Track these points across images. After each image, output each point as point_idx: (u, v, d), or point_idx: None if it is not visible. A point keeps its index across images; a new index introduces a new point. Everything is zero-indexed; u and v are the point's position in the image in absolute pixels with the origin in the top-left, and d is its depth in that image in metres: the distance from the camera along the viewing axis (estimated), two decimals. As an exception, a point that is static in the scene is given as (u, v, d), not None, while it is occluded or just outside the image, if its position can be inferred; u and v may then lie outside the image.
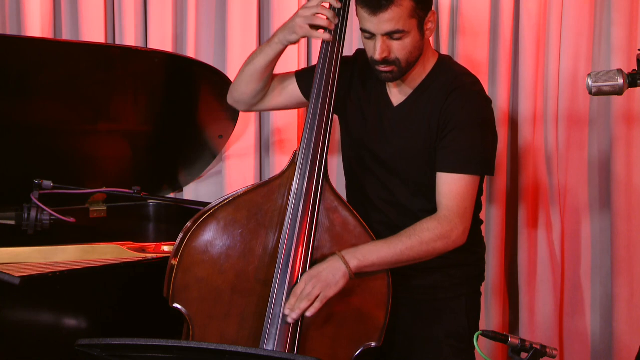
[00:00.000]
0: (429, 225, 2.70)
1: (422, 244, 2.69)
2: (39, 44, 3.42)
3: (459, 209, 2.71)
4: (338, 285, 2.64)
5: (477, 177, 2.75)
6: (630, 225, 3.65)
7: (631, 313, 3.67)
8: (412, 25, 2.67)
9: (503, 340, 2.26)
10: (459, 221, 2.70)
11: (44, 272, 2.94)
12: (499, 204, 3.73)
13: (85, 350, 2.09)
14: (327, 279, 2.63)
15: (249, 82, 2.91)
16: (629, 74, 2.48)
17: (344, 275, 2.64)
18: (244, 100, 2.98)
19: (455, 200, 2.71)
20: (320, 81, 2.76)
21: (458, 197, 2.71)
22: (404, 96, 2.82)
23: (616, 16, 3.58)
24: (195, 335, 2.68)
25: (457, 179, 2.71)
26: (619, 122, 3.63)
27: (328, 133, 2.75)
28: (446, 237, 2.70)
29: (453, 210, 2.70)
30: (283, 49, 2.82)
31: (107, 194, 3.49)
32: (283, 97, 2.97)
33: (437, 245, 2.70)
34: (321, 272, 2.65)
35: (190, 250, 2.70)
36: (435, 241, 2.69)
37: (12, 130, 3.30)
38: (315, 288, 2.63)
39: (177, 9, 3.90)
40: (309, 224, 2.70)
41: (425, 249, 2.70)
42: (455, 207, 2.71)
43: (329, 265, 2.65)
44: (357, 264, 2.65)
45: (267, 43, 2.86)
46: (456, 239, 2.71)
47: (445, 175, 2.72)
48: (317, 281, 2.63)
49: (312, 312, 2.63)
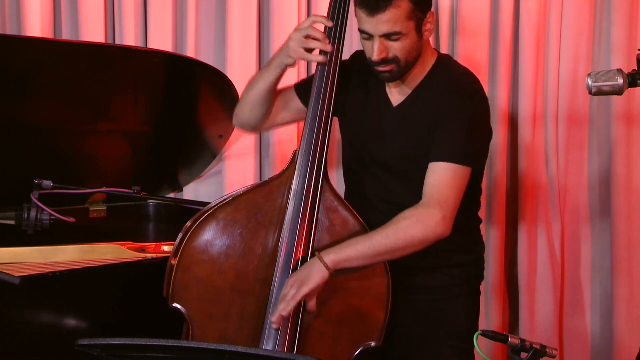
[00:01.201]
0: (406, 214, 2.68)
1: (398, 230, 2.65)
2: (39, 44, 3.42)
3: (440, 197, 2.67)
4: (313, 281, 2.62)
5: (465, 168, 2.71)
6: (630, 226, 3.65)
7: (631, 313, 3.67)
8: (410, 26, 2.67)
9: (503, 340, 2.26)
10: (438, 208, 2.66)
11: (44, 272, 2.94)
12: (499, 204, 3.73)
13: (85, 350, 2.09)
14: (302, 276, 2.64)
15: (253, 108, 2.91)
16: (629, 74, 2.48)
17: (318, 270, 2.63)
18: (250, 125, 2.99)
19: (437, 188, 2.68)
20: (320, 82, 2.77)
21: (440, 185, 2.68)
22: (404, 96, 2.82)
23: (616, 16, 3.58)
24: (195, 335, 2.68)
25: (442, 167, 2.69)
26: (619, 122, 3.63)
27: (328, 133, 2.75)
28: (422, 223, 2.65)
29: (433, 197, 2.67)
30: (282, 73, 2.83)
31: (107, 194, 3.49)
32: (287, 113, 2.96)
33: (413, 232, 2.65)
34: (297, 272, 2.66)
35: (190, 250, 2.70)
36: (411, 227, 2.65)
37: (12, 130, 3.30)
38: (292, 288, 2.64)
39: (177, 9, 3.89)
40: (309, 224, 2.70)
41: (402, 236, 2.65)
42: (436, 194, 2.68)
43: (306, 264, 2.66)
44: (333, 257, 2.64)
45: (266, 68, 2.86)
46: (435, 226, 2.66)
47: (433, 164, 2.71)
48: (294, 281, 2.64)
49: (286, 311, 2.63)
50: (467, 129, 2.71)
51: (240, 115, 2.98)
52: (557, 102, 3.67)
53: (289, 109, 2.95)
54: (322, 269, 2.63)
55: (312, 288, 2.63)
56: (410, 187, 2.81)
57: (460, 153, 2.69)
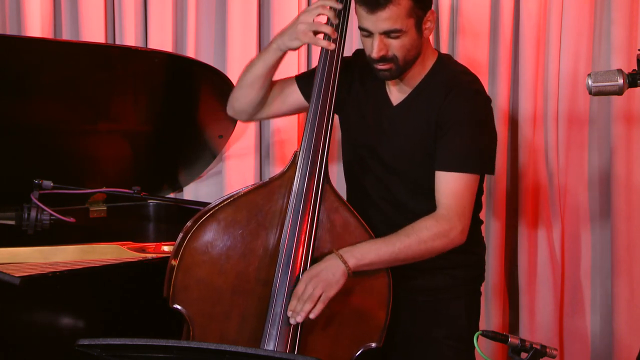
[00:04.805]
0: (427, 224, 2.69)
1: (420, 242, 2.68)
2: (39, 44, 3.42)
3: (458, 208, 2.70)
4: (339, 284, 2.64)
5: (476, 176, 2.74)
6: (630, 226, 3.65)
7: (631, 313, 3.67)
8: (410, 24, 2.66)
9: (503, 340, 2.26)
10: (458, 220, 2.69)
11: (44, 272, 2.94)
12: (499, 204, 3.73)
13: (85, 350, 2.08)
14: (327, 278, 2.63)
15: (249, 91, 2.88)
16: (629, 74, 2.48)
17: (343, 273, 2.64)
18: (244, 110, 2.96)
19: (454, 199, 2.70)
20: (321, 82, 2.76)
21: (457, 196, 2.70)
22: (403, 95, 2.82)
23: (616, 16, 3.58)
24: (195, 336, 2.68)
25: (455, 177, 2.70)
26: (619, 122, 3.63)
27: (328, 134, 2.75)
28: (444, 236, 2.68)
29: (452, 208, 2.69)
30: (282, 55, 2.81)
31: (107, 194, 3.49)
32: (285, 103, 2.94)
33: (435, 244, 2.69)
34: (320, 271, 2.64)
35: (191, 251, 2.70)
36: (433, 240, 2.68)
37: (12, 130, 3.30)
38: (316, 288, 2.62)
39: (177, 9, 3.90)
40: (310, 225, 2.70)
41: (424, 248, 2.68)
42: (454, 205, 2.69)
43: (328, 264, 2.65)
44: (355, 262, 2.64)
45: (265, 49, 2.85)
46: (454, 237, 2.70)
47: (444, 174, 2.71)
48: (318, 281, 2.63)
49: (315, 313, 2.63)
50: (474, 135, 2.72)
51: (234, 100, 2.94)
52: (557, 102, 3.67)
53: (285, 100, 2.94)
54: (345, 273, 2.64)
55: (336, 292, 2.63)
56: (410, 186, 2.81)
57: (470, 161, 2.71)
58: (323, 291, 2.62)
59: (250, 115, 2.99)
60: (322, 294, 2.62)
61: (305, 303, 2.62)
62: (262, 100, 2.91)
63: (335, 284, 2.63)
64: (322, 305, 2.63)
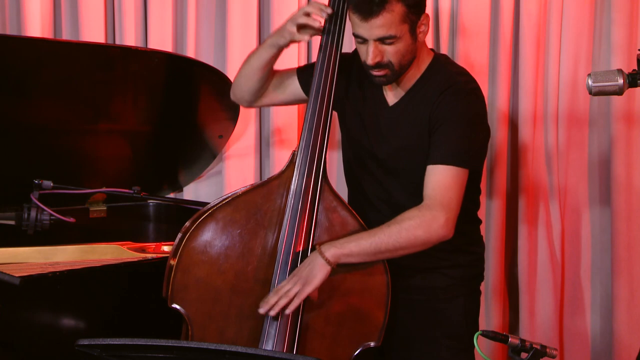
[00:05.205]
0: (409, 214, 2.68)
1: (401, 230, 2.66)
2: (39, 44, 3.42)
3: (442, 199, 2.68)
4: (317, 278, 2.63)
5: (465, 170, 2.72)
6: (630, 225, 3.65)
7: (631, 313, 3.67)
8: (404, 30, 2.67)
9: (503, 340, 2.26)
10: (441, 210, 2.67)
11: (44, 272, 2.94)
12: (499, 204, 3.73)
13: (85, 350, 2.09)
14: (305, 274, 2.64)
15: (247, 81, 2.95)
16: (629, 74, 2.48)
17: (321, 266, 2.64)
18: (244, 97, 3.03)
19: (439, 190, 2.69)
20: (319, 82, 2.77)
21: (442, 188, 2.69)
22: (399, 96, 2.83)
23: (616, 16, 3.57)
24: (194, 336, 2.68)
25: (441, 169, 2.70)
26: (619, 122, 3.62)
27: (327, 134, 2.76)
28: (426, 225, 2.66)
29: (435, 199, 2.68)
30: (277, 52, 2.85)
31: (107, 194, 3.49)
32: (284, 93, 3.00)
33: (417, 233, 2.66)
34: (300, 269, 2.66)
35: (189, 251, 2.70)
36: (415, 228, 2.66)
37: (12, 130, 3.30)
38: (294, 285, 2.64)
39: (177, 9, 3.90)
40: (308, 224, 2.70)
41: (405, 236, 2.66)
42: (439, 196, 2.68)
43: (308, 260, 2.66)
44: (334, 251, 2.64)
45: (261, 45, 2.91)
46: (438, 228, 2.67)
47: (432, 167, 2.71)
48: (297, 278, 2.64)
49: (290, 309, 2.64)
50: (464, 130, 2.72)
51: (236, 87, 3.03)
52: (557, 102, 3.67)
53: (284, 90, 2.99)
54: (324, 265, 2.63)
55: (315, 286, 2.63)
56: (407, 186, 2.81)
57: (458, 155, 2.70)
58: (300, 288, 2.63)
59: (250, 103, 3.05)
60: (299, 290, 2.62)
61: (281, 299, 2.63)
62: (260, 89, 2.97)
63: (312, 278, 2.63)
64: (298, 301, 2.63)
